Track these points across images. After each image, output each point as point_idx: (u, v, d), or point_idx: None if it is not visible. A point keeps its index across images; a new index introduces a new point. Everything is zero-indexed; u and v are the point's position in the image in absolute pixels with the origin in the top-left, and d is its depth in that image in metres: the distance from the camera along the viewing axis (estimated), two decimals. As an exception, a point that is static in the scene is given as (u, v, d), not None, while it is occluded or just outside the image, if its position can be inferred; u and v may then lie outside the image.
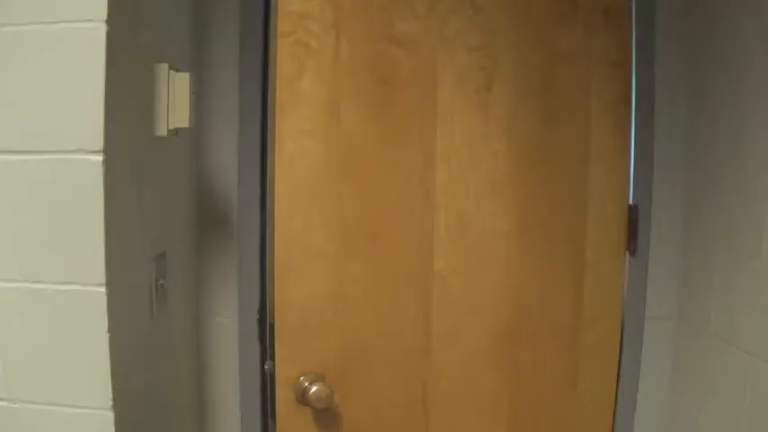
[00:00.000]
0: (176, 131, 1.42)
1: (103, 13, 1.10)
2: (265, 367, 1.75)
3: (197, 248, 1.76)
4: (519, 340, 1.84)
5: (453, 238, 1.78)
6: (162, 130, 1.36)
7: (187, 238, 1.69)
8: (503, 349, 1.83)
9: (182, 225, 1.65)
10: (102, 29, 1.11)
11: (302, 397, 1.71)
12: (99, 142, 1.12)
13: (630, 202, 1.83)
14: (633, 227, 1.83)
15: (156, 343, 1.45)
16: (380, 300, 1.77)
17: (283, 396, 1.74)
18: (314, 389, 1.69)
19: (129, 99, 1.25)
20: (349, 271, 1.75)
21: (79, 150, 1.12)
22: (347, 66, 1.70)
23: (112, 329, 1.16)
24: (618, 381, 1.87)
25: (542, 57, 1.79)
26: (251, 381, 1.78)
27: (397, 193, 1.75)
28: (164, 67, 1.35)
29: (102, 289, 1.15)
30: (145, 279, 1.37)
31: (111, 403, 1.16)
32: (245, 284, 1.78)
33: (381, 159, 1.74)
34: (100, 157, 1.12)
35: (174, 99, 1.37)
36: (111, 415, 1.16)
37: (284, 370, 1.74)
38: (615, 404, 1.87)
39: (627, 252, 1.84)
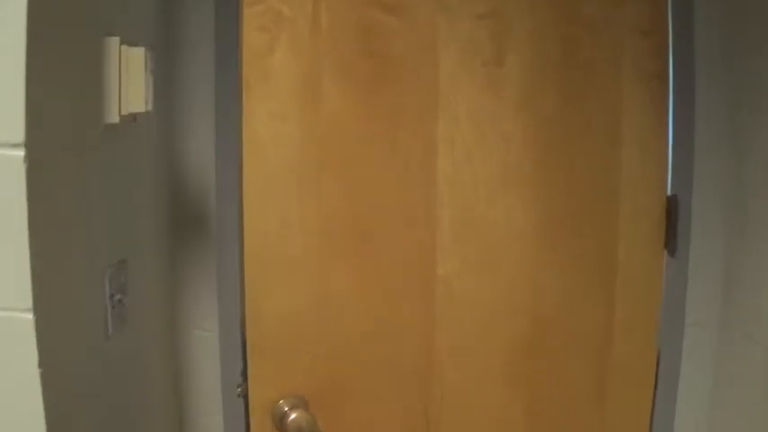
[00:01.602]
0: (134, 117, 1.19)
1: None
2: (238, 389, 1.53)
3: (170, 252, 1.54)
4: (538, 354, 1.60)
5: (459, 237, 1.54)
6: (113, 117, 1.13)
7: (156, 241, 1.47)
8: (519, 364, 1.60)
9: (148, 226, 1.42)
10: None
11: (280, 424, 1.48)
12: (19, 133, 0.89)
13: (668, 192, 1.59)
14: (672, 221, 1.59)
15: (114, 369, 1.23)
16: (373, 310, 1.53)
17: (258, 422, 1.51)
18: (293, 415, 1.47)
19: (68, 79, 1.02)
20: (334, 277, 1.51)
21: (-6, 144, 0.89)
22: (328, 37, 1.46)
23: (46, 363, 0.94)
24: (654, 397, 1.63)
25: (562, 24, 1.54)
26: (234, 404, 1.56)
27: (392, 186, 1.51)
28: (113, 41, 1.12)
29: (30, 315, 0.92)
30: (95, 296, 1.14)
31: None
32: (225, 292, 1.56)
33: (371, 146, 1.50)
34: (21, 152, 0.89)
35: (128, 79, 1.14)
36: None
37: (259, 392, 1.51)
38: (651, 423, 1.64)
39: (665, 251, 1.59)
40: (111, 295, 1.18)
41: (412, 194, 1.52)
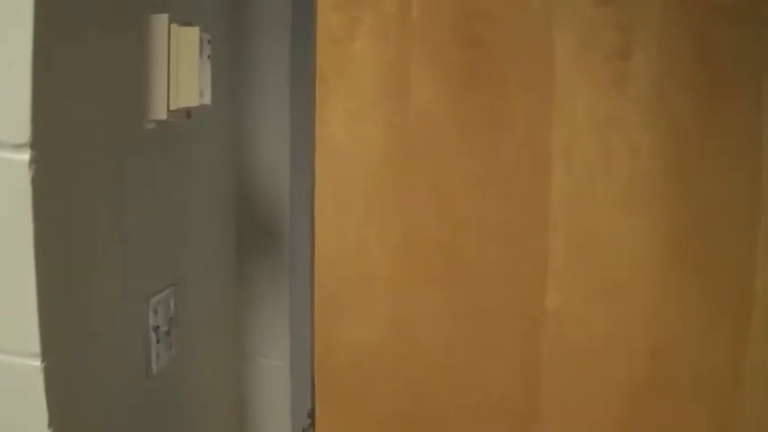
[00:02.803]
0: (187, 113, 0.99)
1: None
2: (303, 430, 1.31)
3: (235, 270, 1.33)
4: (658, 399, 1.34)
5: (574, 263, 1.28)
6: (159, 112, 0.93)
7: (218, 259, 1.27)
8: (639, 410, 1.34)
9: (208, 242, 1.22)
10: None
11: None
12: (24, 131, 0.70)
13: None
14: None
15: (160, 410, 1.03)
16: (463, 345, 1.29)
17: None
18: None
19: (98, 65, 0.82)
20: (418, 304, 1.28)
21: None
22: (419, 21, 1.22)
23: (60, 421, 0.74)
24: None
25: (699, 12, 1.27)
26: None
27: (492, 201, 1.27)
28: (161, 19, 0.92)
29: (37, 362, 0.73)
30: (133, 330, 0.95)
31: None
32: (298, 316, 1.35)
33: (468, 153, 1.26)
34: (26, 155, 0.70)
35: (179, 65, 0.94)
36: None
37: (326, 436, 1.29)
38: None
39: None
40: (156, 327, 0.99)
41: (516, 212, 1.27)
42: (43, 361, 0.73)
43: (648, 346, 1.32)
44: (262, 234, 1.34)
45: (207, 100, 0.98)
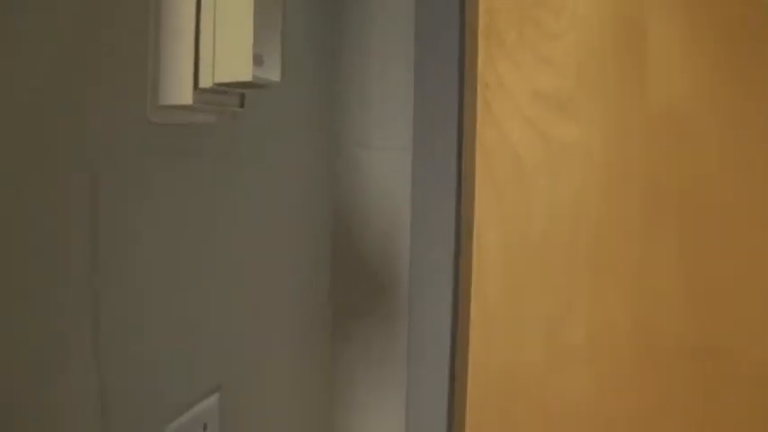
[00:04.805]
0: (239, 98, 0.57)
1: None
2: None
3: (326, 364, 0.90)
4: None
5: None
6: (179, 93, 0.51)
7: (293, 347, 0.83)
8: None
9: (275, 320, 0.79)
10: None
11: None
12: None
13: None
14: None
15: None
16: None
17: None
18: None
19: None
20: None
21: None
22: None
23: None
24: None
25: None
26: None
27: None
28: None
29: None
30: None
31: None
32: (421, 405, 0.89)
33: (747, 171, 0.79)
34: None
35: (216, 20, 0.51)
36: None
37: None
38: None
39: None
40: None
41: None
42: None
43: None
44: (368, 302, 0.89)
45: (275, 73, 0.55)
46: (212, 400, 0.61)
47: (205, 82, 0.51)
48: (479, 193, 0.81)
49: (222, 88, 0.53)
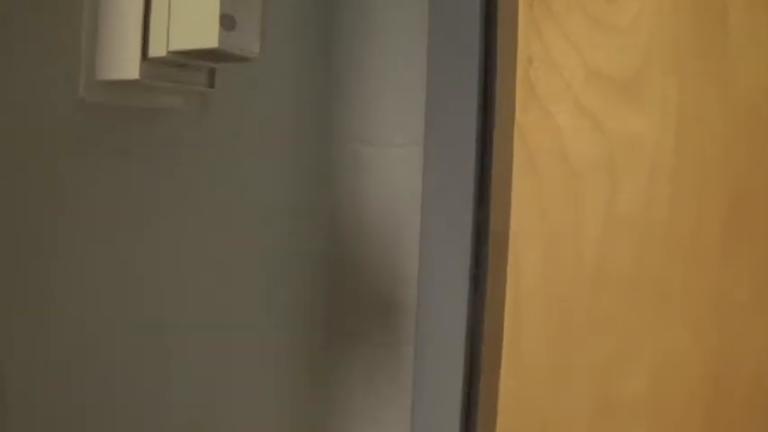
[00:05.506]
0: (208, 75, 0.45)
1: None
2: None
3: (321, 394, 0.77)
4: None
5: None
6: (129, 68, 0.39)
7: (286, 377, 0.71)
8: None
9: (261, 352, 0.67)
10: None
11: None
12: None
13: None
14: None
15: None
16: None
17: None
18: None
19: None
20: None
21: None
22: None
23: None
24: None
25: None
26: None
27: None
28: None
29: None
30: None
31: None
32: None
33: None
34: None
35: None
36: None
37: None
38: None
39: None
40: None
41: None
42: None
43: None
44: (368, 330, 0.77)
45: (252, 43, 0.43)
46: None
47: (157, 50, 0.39)
48: (516, 199, 0.68)
49: (183, 59, 0.40)
